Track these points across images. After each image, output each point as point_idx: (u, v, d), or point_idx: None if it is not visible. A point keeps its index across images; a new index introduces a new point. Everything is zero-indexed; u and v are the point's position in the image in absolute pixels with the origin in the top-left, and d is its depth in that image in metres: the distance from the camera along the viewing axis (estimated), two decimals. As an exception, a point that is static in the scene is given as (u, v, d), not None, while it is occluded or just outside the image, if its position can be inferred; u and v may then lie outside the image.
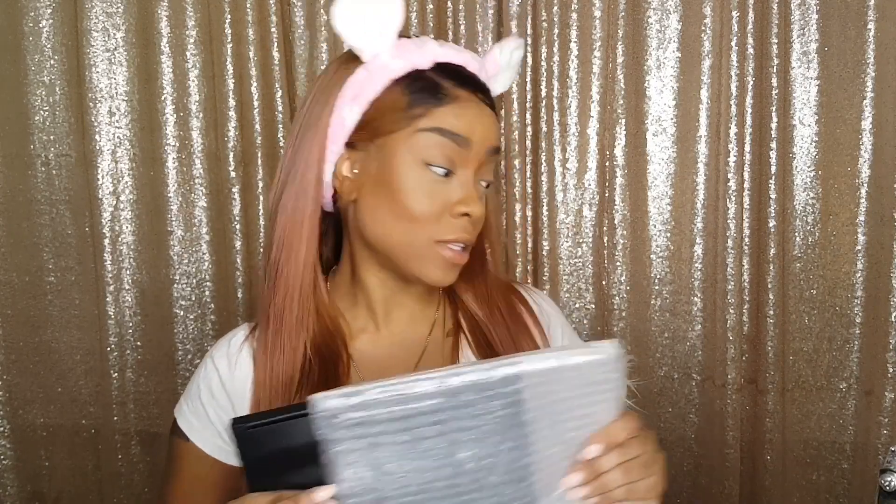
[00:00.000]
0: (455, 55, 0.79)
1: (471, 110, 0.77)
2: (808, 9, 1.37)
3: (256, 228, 1.48)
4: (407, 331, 0.85)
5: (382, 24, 0.78)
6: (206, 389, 0.83)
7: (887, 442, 1.39)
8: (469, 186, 0.77)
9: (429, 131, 0.75)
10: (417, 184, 0.75)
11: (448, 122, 0.75)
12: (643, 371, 1.45)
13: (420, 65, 0.77)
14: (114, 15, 1.48)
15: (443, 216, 0.76)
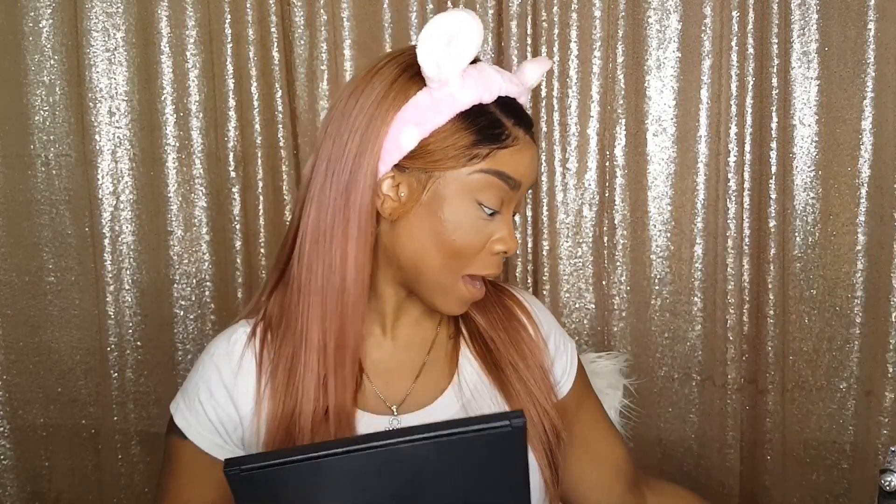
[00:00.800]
0: (513, 88, 0.78)
1: (528, 153, 0.77)
2: (809, 9, 1.37)
3: (256, 228, 1.48)
4: (411, 335, 0.85)
5: (458, 55, 0.72)
6: (205, 388, 0.82)
7: (887, 442, 1.39)
8: (509, 224, 0.78)
9: (488, 173, 0.74)
10: (465, 219, 0.75)
11: (508, 166, 0.75)
12: (643, 371, 1.45)
13: (485, 99, 0.75)
14: (114, 15, 1.48)
15: (481, 252, 0.77)
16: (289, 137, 1.47)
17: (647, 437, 1.48)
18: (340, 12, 1.42)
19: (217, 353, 0.83)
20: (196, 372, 0.84)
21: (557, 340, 0.90)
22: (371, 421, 0.80)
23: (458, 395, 0.83)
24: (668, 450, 1.49)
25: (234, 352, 0.83)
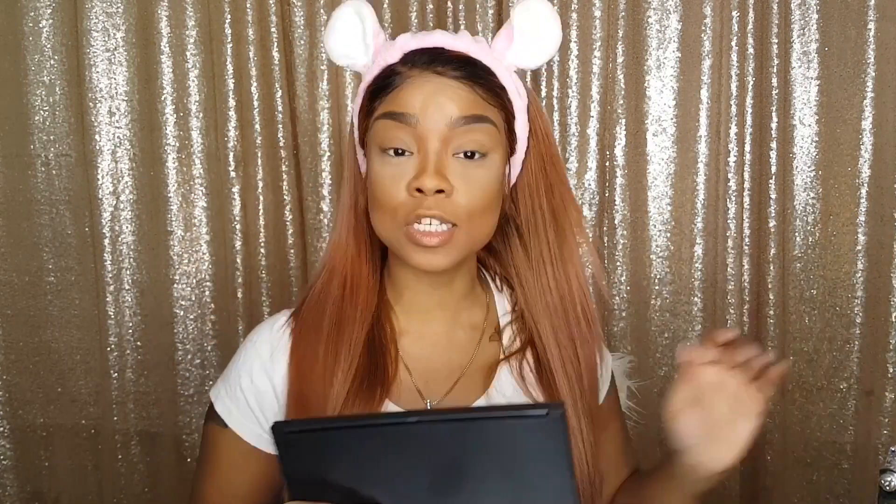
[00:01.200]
0: (428, 39, 0.76)
1: (422, 86, 0.74)
2: (809, 9, 1.37)
3: (256, 228, 1.48)
4: (456, 334, 0.84)
5: (349, 42, 0.79)
6: (247, 375, 0.81)
7: (887, 442, 1.39)
8: (423, 162, 0.73)
9: (380, 118, 0.75)
10: (381, 172, 0.75)
11: (398, 104, 0.74)
12: (643, 371, 1.45)
13: (390, 60, 0.76)
14: (114, 15, 1.48)
15: (406, 198, 0.74)
16: (289, 137, 1.47)
17: (647, 438, 1.47)
18: (340, 12, 1.42)
19: (259, 339, 0.83)
20: (238, 359, 0.83)
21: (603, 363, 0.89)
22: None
23: (490, 402, 0.81)
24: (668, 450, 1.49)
25: (276, 338, 0.82)
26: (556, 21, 0.78)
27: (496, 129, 0.75)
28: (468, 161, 0.74)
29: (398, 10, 1.42)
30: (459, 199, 0.74)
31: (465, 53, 0.76)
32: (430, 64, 0.74)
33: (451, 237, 0.74)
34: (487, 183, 0.75)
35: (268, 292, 1.49)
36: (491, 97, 0.75)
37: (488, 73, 0.76)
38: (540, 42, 0.78)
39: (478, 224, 0.76)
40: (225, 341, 1.51)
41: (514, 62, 0.78)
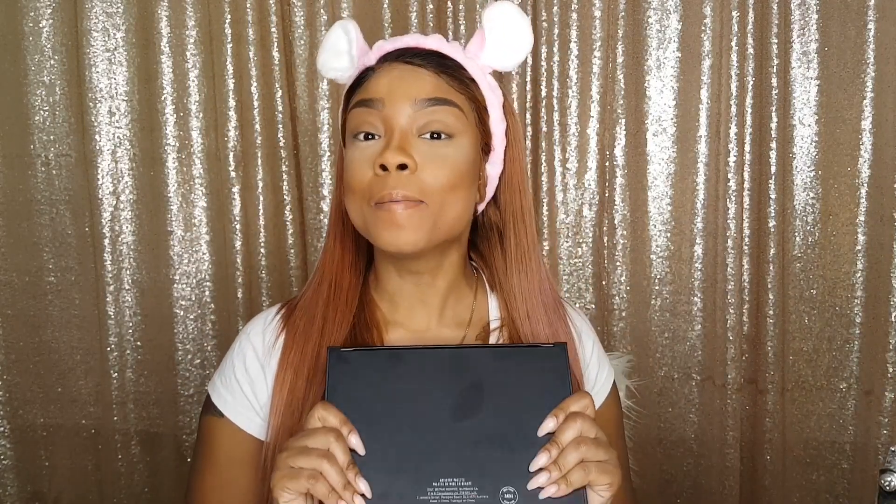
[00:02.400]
0: (403, 41, 0.80)
1: (389, 73, 0.78)
2: (808, 9, 1.37)
3: (256, 228, 1.48)
4: (441, 331, 0.85)
5: (337, 58, 0.84)
6: (241, 365, 0.84)
7: (887, 442, 1.39)
8: (388, 140, 0.76)
9: (352, 108, 0.79)
10: (351, 156, 0.78)
11: (365, 92, 0.78)
12: (643, 371, 1.45)
13: (367, 63, 0.81)
14: (114, 15, 1.48)
15: (372, 178, 0.76)
16: (289, 137, 1.47)
17: (647, 437, 1.48)
18: (340, 12, 1.43)
19: (253, 331, 0.86)
20: (232, 351, 0.86)
21: (596, 370, 0.89)
22: None
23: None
24: (668, 450, 1.49)
25: (269, 330, 0.85)
26: (525, 23, 0.81)
27: (462, 112, 0.78)
28: (435, 141, 0.76)
29: (398, 10, 1.42)
30: (425, 176, 0.75)
31: (435, 49, 0.79)
32: (400, 55, 0.79)
33: (417, 215, 0.75)
34: (455, 162, 0.77)
35: (268, 292, 1.49)
36: (457, 84, 0.78)
37: (457, 66, 0.79)
38: (510, 44, 0.81)
39: (447, 201, 0.76)
40: (225, 341, 1.51)
41: (487, 63, 0.81)
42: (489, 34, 0.80)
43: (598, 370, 0.90)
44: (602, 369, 0.91)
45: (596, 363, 0.90)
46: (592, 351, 0.90)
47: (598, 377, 0.90)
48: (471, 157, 0.79)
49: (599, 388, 0.90)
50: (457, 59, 0.80)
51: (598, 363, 0.90)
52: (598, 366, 0.90)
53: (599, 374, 0.90)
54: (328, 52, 0.84)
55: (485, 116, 0.81)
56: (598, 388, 0.89)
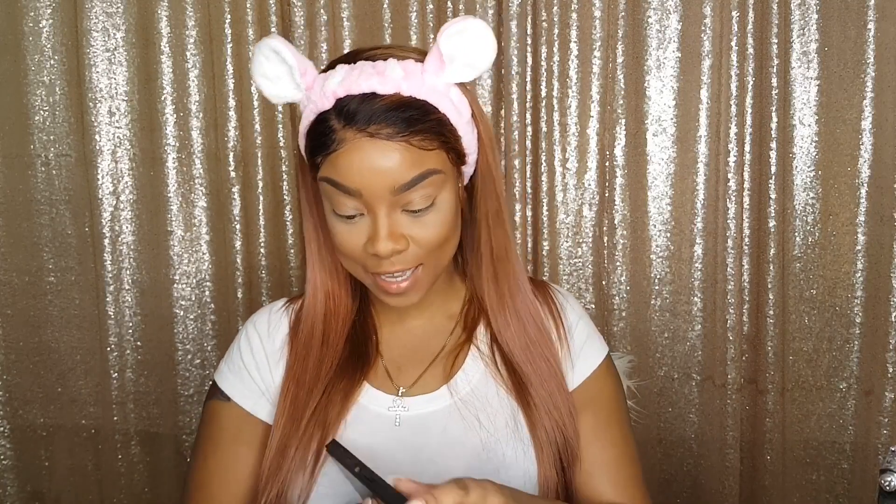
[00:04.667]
0: (357, 83, 0.74)
1: (356, 155, 0.73)
2: (808, 9, 1.37)
3: (256, 228, 1.48)
4: (427, 326, 0.90)
5: (279, 86, 0.78)
6: (248, 351, 0.88)
7: (887, 442, 1.39)
8: (374, 226, 0.76)
9: (324, 181, 0.76)
10: (336, 227, 0.78)
11: (338, 172, 0.74)
12: (643, 371, 1.46)
13: (323, 107, 0.75)
14: (114, 15, 1.48)
15: (364, 253, 0.78)
16: (289, 137, 1.47)
17: (647, 437, 1.48)
18: (340, 12, 1.42)
19: (259, 319, 0.91)
20: (238, 339, 0.91)
21: (582, 343, 0.90)
22: (375, 395, 0.85)
23: (452, 391, 0.85)
24: (668, 450, 1.49)
25: (274, 319, 0.90)
26: (486, 41, 0.76)
27: (442, 172, 0.77)
28: (419, 212, 0.77)
29: (398, 11, 1.42)
30: (417, 247, 0.78)
31: (397, 95, 0.74)
32: (364, 124, 0.73)
33: (417, 278, 0.80)
34: (442, 221, 0.78)
35: (268, 292, 1.49)
36: (430, 141, 0.75)
37: (424, 111, 0.75)
38: (472, 63, 0.77)
39: (441, 254, 0.81)
40: (225, 341, 1.51)
41: (449, 80, 0.77)
42: (448, 59, 0.76)
43: (585, 340, 0.90)
44: (590, 341, 0.91)
45: (584, 334, 0.91)
46: (577, 324, 0.91)
47: (584, 347, 0.90)
48: (454, 202, 0.80)
49: (584, 355, 0.90)
50: (422, 96, 0.75)
51: (587, 335, 0.91)
52: (587, 336, 0.91)
53: (587, 344, 0.90)
54: (266, 81, 0.78)
55: (458, 143, 0.79)
56: (583, 354, 0.89)
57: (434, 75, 0.76)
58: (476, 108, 0.81)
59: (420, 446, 0.83)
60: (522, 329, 0.87)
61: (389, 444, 0.83)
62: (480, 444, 0.82)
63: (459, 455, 0.82)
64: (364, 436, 0.83)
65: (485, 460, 0.82)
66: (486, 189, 0.84)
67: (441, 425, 0.83)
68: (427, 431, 0.83)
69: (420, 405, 0.85)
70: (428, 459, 0.82)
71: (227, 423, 0.87)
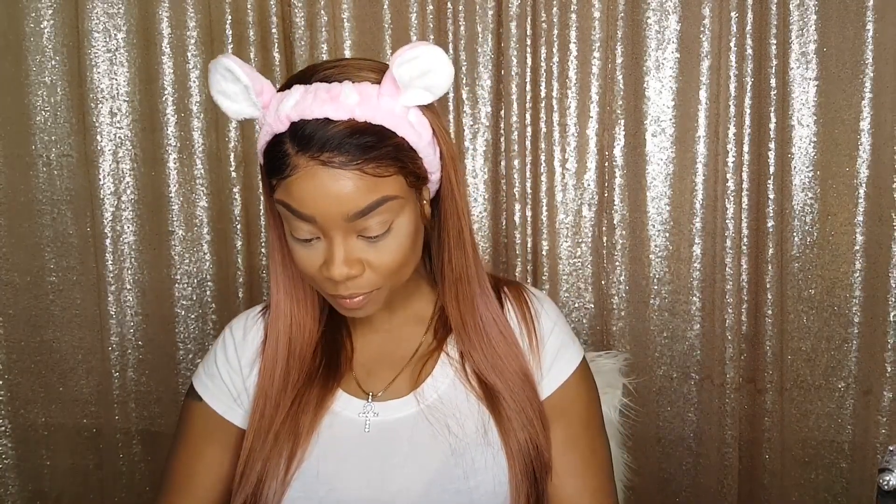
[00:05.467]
0: (312, 109, 0.73)
1: (309, 183, 0.72)
2: (807, 10, 1.37)
3: (257, 228, 1.48)
4: (398, 332, 0.90)
5: (238, 106, 0.77)
6: (223, 355, 0.91)
7: (885, 441, 1.39)
8: (329, 251, 0.76)
9: (279, 204, 0.76)
10: (293, 247, 0.78)
11: (292, 197, 0.74)
12: (642, 370, 1.46)
13: (277, 129, 0.75)
14: (115, 16, 1.48)
15: (322, 276, 0.77)
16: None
17: (646, 436, 1.48)
18: (341, 13, 1.43)
19: (236, 325, 0.94)
20: (216, 343, 0.93)
21: (555, 352, 0.89)
22: (348, 401, 0.86)
23: (419, 398, 0.85)
24: (667, 449, 1.50)
25: (249, 325, 0.93)
26: (439, 67, 0.74)
27: (399, 197, 0.76)
28: (375, 238, 0.76)
29: (398, 11, 1.43)
30: (372, 272, 0.78)
31: (351, 120, 0.73)
32: (317, 152, 0.72)
33: (372, 297, 0.80)
34: (399, 246, 0.78)
35: (268, 292, 1.50)
36: (386, 167, 0.74)
37: (380, 136, 0.74)
38: (428, 87, 0.75)
39: (398, 277, 0.80)
40: (226, 341, 1.52)
41: (407, 104, 0.75)
42: (403, 85, 0.74)
43: (558, 349, 0.89)
44: (564, 350, 0.90)
45: (557, 342, 0.90)
46: (551, 332, 0.90)
47: (557, 356, 0.89)
48: (413, 224, 0.79)
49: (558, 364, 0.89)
50: (377, 121, 0.74)
51: (560, 344, 0.90)
52: (560, 345, 0.89)
53: (560, 353, 0.89)
54: (226, 100, 0.77)
55: (417, 165, 0.78)
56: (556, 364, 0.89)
57: (390, 98, 0.75)
58: (437, 126, 0.79)
59: (389, 452, 0.83)
60: (491, 348, 0.86)
61: (360, 451, 0.83)
62: (449, 450, 0.82)
63: (428, 461, 0.82)
64: (335, 441, 0.83)
65: (453, 465, 0.82)
66: (448, 208, 0.83)
67: (409, 432, 0.84)
68: (396, 437, 0.84)
69: (389, 411, 0.85)
70: (397, 465, 0.82)
71: (196, 421, 0.89)
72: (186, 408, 0.91)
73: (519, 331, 0.89)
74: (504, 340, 0.87)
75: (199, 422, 0.89)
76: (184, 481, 0.88)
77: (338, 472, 0.82)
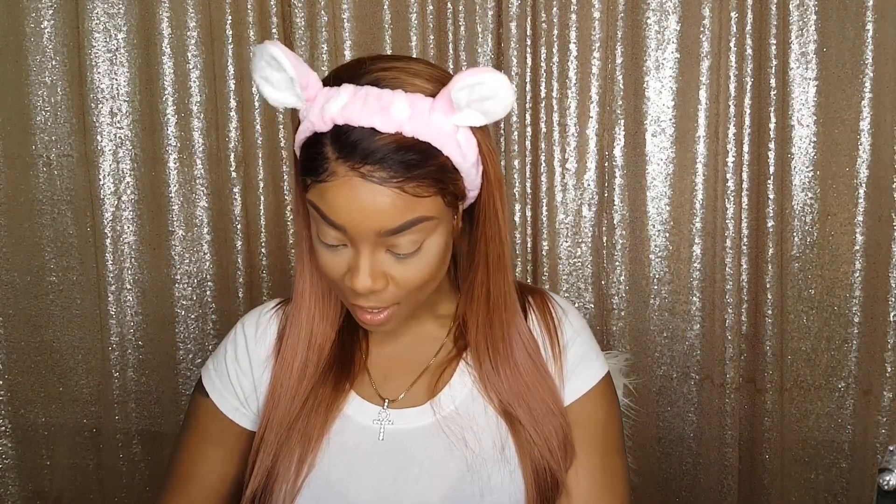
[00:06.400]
0: (360, 116, 0.69)
1: (344, 192, 0.70)
2: (807, 10, 1.37)
3: (257, 228, 1.48)
4: (416, 337, 0.87)
5: (283, 96, 0.74)
6: (232, 352, 0.88)
7: (885, 441, 1.39)
8: (355, 261, 0.73)
9: (311, 206, 0.74)
10: (319, 249, 0.76)
11: (325, 203, 0.71)
12: (642, 370, 1.46)
13: (319, 128, 0.71)
14: (115, 16, 1.48)
15: (342, 281, 0.75)
16: (289, 138, 1.48)
17: (646, 436, 1.48)
18: (341, 13, 1.43)
19: (248, 321, 0.90)
20: (227, 337, 0.90)
21: (576, 363, 0.86)
22: (361, 405, 0.84)
23: (436, 408, 0.83)
24: (667, 449, 1.50)
25: (262, 322, 0.89)
26: (502, 95, 0.70)
27: (434, 218, 0.73)
28: (404, 256, 0.74)
29: (398, 12, 1.43)
30: (396, 287, 0.75)
31: (398, 134, 0.70)
32: (359, 163, 0.69)
33: (393, 313, 0.77)
34: (427, 265, 0.75)
35: (268, 292, 1.50)
36: (426, 188, 0.71)
37: (425, 155, 0.71)
38: (485, 112, 0.72)
39: (420, 294, 0.78)
40: (226, 341, 1.52)
41: (459, 123, 0.72)
42: (457, 103, 0.71)
43: (579, 361, 0.87)
44: (586, 361, 0.87)
45: (579, 353, 0.87)
46: (574, 342, 0.87)
47: (578, 367, 0.86)
48: (444, 244, 0.76)
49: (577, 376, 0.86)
50: (423, 136, 0.71)
51: (582, 355, 0.87)
52: (582, 356, 0.87)
53: (581, 364, 0.87)
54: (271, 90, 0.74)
55: (458, 185, 0.75)
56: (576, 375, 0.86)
57: (442, 115, 0.71)
58: (486, 146, 0.76)
59: (403, 463, 0.81)
60: (518, 377, 0.82)
61: (373, 459, 0.81)
62: (465, 466, 0.80)
63: (442, 476, 0.80)
64: (347, 448, 0.81)
65: (468, 482, 0.79)
66: (489, 231, 0.79)
67: (424, 443, 0.81)
68: (411, 448, 0.81)
69: (405, 419, 0.83)
70: (411, 478, 0.80)
71: (201, 418, 0.88)
72: (194, 401, 0.89)
73: (542, 339, 0.86)
74: (533, 366, 0.83)
75: (204, 419, 0.88)
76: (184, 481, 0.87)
77: (349, 481, 0.80)
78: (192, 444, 0.88)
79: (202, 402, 0.88)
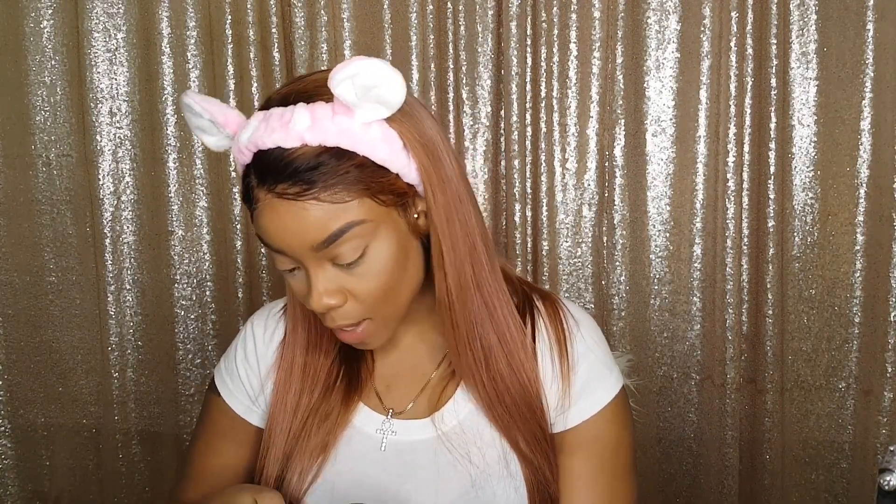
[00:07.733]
0: (264, 139, 0.69)
1: (269, 216, 0.69)
2: (807, 9, 1.37)
3: (257, 228, 1.48)
4: (425, 341, 0.85)
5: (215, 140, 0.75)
6: (242, 351, 0.89)
7: (886, 441, 1.39)
8: (308, 282, 0.72)
9: (257, 232, 0.73)
10: (283, 275, 0.76)
11: (259, 230, 0.72)
12: (642, 370, 1.46)
13: (242, 161, 0.72)
14: (115, 16, 1.48)
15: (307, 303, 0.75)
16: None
17: (647, 437, 1.48)
18: (341, 13, 1.43)
19: (257, 321, 0.90)
20: (238, 337, 0.90)
21: (585, 381, 0.81)
22: (369, 416, 0.83)
23: (437, 423, 0.81)
24: (668, 449, 1.50)
25: (271, 322, 0.89)
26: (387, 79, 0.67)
27: (368, 220, 0.70)
28: (350, 265, 0.71)
29: (398, 11, 1.43)
30: (356, 301, 0.73)
31: (304, 146, 0.68)
32: (272, 184, 0.68)
33: (369, 331, 0.75)
34: (379, 271, 0.72)
35: (268, 292, 1.50)
36: (345, 192, 0.69)
37: (337, 159, 0.68)
38: (381, 101, 0.68)
39: (390, 304, 0.74)
40: (226, 341, 1.52)
41: (365, 120, 0.69)
42: (348, 102, 0.68)
43: (588, 379, 0.82)
44: (598, 380, 0.82)
45: (590, 370, 0.82)
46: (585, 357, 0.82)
47: (588, 386, 0.81)
48: (395, 246, 0.72)
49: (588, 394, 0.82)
50: (329, 142, 0.68)
51: (595, 372, 0.82)
52: (594, 373, 0.82)
53: (591, 383, 0.82)
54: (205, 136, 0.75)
55: (391, 181, 0.71)
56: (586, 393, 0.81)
57: (345, 117, 0.68)
58: (409, 138, 0.71)
59: (405, 475, 0.80)
60: (505, 391, 0.78)
61: (374, 469, 0.80)
62: (470, 481, 0.78)
63: (446, 491, 0.79)
64: (352, 457, 0.81)
65: (473, 498, 0.78)
66: (436, 223, 0.74)
67: (428, 456, 0.80)
68: (414, 460, 0.80)
69: (407, 431, 0.81)
70: (413, 490, 0.79)
71: (214, 416, 0.89)
72: (208, 399, 0.91)
73: (549, 353, 0.81)
74: (519, 384, 0.79)
75: (217, 417, 0.89)
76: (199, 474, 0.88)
77: (353, 491, 0.80)
78: (206, 439, 0.89)
79: (215, 401, 0.89)
